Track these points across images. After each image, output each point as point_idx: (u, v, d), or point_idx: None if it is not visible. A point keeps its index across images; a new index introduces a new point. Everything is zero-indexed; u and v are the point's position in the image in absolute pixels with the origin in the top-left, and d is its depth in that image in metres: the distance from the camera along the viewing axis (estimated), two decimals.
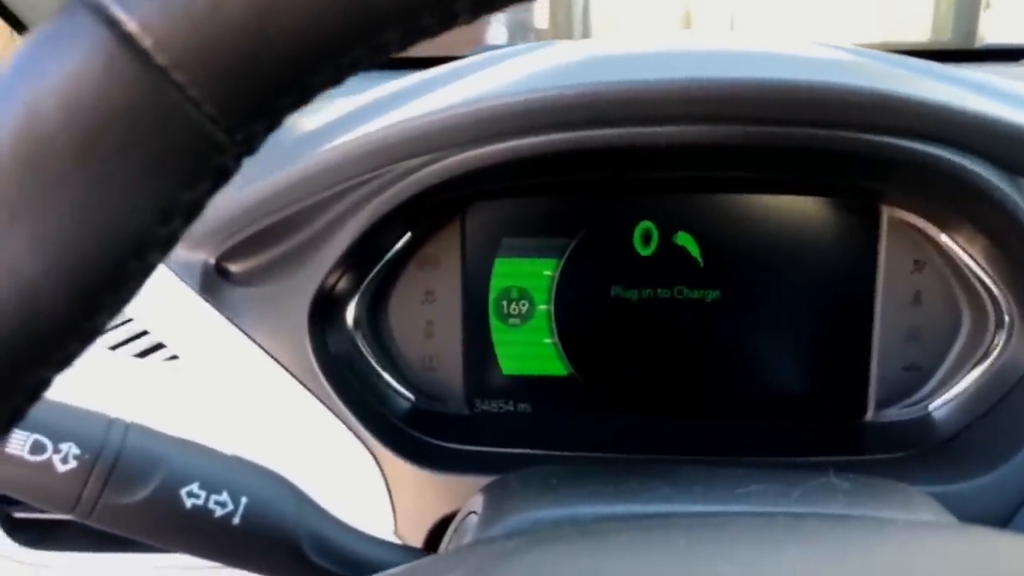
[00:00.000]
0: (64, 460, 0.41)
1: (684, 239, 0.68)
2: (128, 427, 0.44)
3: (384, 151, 0.58)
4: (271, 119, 0.24)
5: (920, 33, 1.19)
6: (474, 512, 0.48)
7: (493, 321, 0.70)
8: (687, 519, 0.33)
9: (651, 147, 0.56)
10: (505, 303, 0.70)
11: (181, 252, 0.63)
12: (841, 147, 0.54)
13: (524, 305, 0.70)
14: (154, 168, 0.22)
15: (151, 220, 0.23)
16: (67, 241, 0.22)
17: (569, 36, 1.43)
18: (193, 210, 0.24)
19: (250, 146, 0.25)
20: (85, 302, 0.23)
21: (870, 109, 0.53)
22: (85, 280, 0.23)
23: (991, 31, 1.12)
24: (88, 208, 0.22)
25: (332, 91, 0.25)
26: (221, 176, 0.24)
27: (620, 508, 0.44)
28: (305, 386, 0.63)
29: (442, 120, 0.56)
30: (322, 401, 0.63)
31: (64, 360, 0.24)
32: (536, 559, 0.31)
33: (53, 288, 0.22)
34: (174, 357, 0.64)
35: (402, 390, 0.70)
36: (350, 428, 0.62)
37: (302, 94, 0.24)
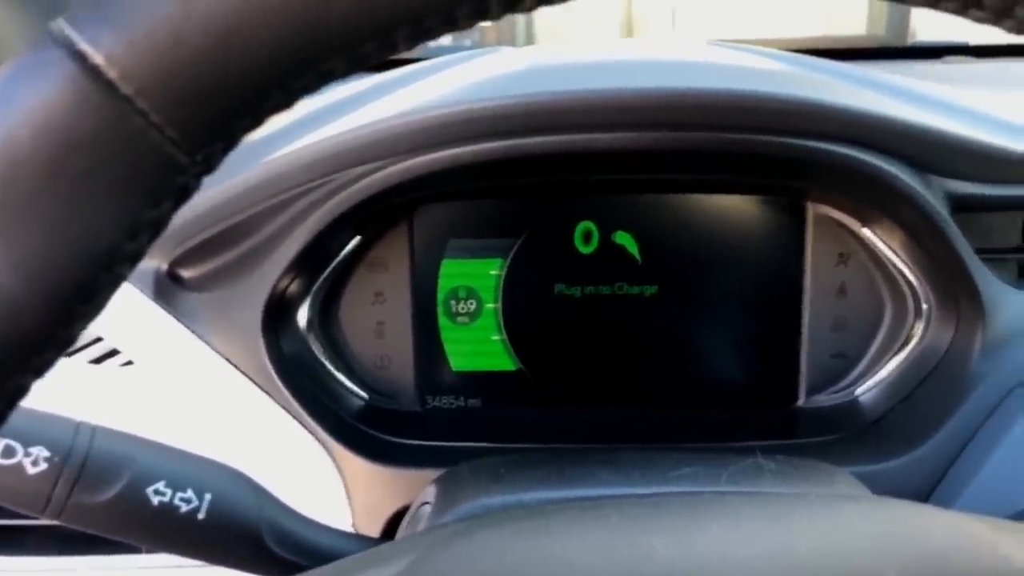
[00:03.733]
0: (34, 463, 0.42)
1: (623, 238, 0.71)
2: (95, 430, 0.45)
3: (331, 159, 0.60)
4: (228, 140, 0.26)
5: (856, 29, 1.24)
6: (427, 502, 0.50)
7: (442, 320, 0.72)
8: (621, 500, 0.36)
9: (587, 153, 0.59)
10: (453, 302, 0.72)
11: None
12: (765, 150, 0.58)
13: (472, 304, 0.72)
14: (121, 189, 0.24)
15: (119, 236, 0.25)
16: (43, 256, 0.24)
17: (512, 36, 1.45)
18: (158, 226, 0.26)
19: (209, 165, 0.27)
20: (61, 312, 0.25)
21: (793, 115, 0.56)
22: (60, 292, 0.24)
23: (923, 28, 1.17)
24: (61, 226, 0.24)
25: None
26: (183, 194, 0.26)
27: (564, 493, 0.46)
28: (260, 387, 0.64)
29: (387, 129, 0.58)
30: (277, 402, 0.64)
31: (41, 367, 0.26)
32: (484, 540, 0.33)
33: (31, 299, 0.24)
34: (129, 363, 0.65)
35: (355, 389, 0.72)
36: (305, 427, 0.64)
37: (256, 116, 0.26)
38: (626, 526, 0.33)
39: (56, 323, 0.25)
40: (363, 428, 0.68)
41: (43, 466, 0.42)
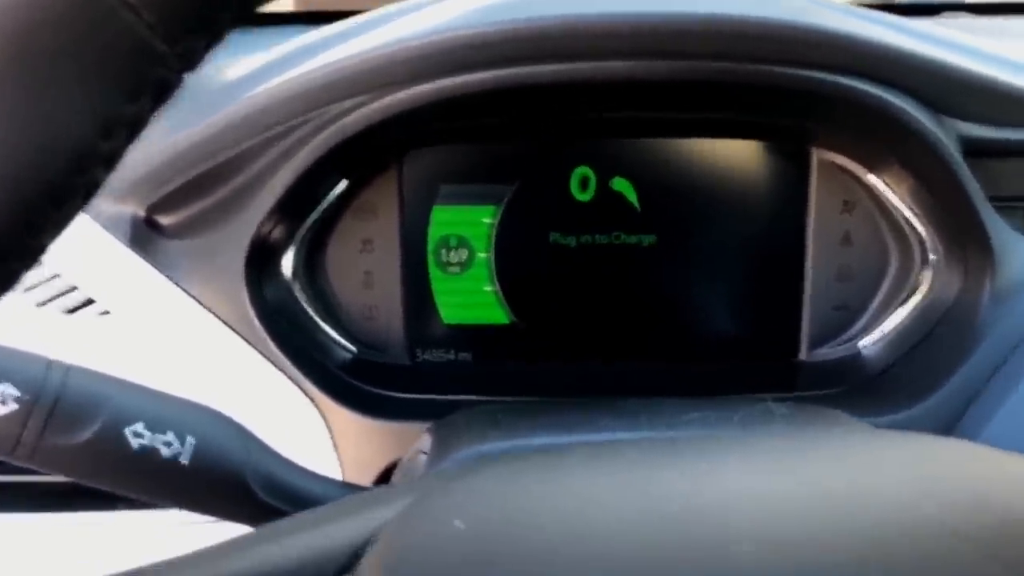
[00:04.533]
0: (2, 401, 0.39)
1: (621, 184, 0.68)
2: (69, 368, 0.42)
3: (313, 93, 0.57)
4: (211, 33, 0.24)
5: None
6: (422, 451, 0.48)
7: (432, 270, 0.70)
8: (633, 442, 0.34)
9: (584, 84, 0.56)
10: (444, 251, 0.69)
11: (107, 205, 0.62)
12: (771, 82, 0.55)
13: (463, 253, 0.69)
14: (92, 75, 0.22)
15: (91, 132, 0.22)
16: (4, 151, 0.21)
17: None
18: (135, 126, 0.24)
19: (191, 61, 0.24)
20: (26, 217, 0.22)
21: (802, 44, 0.54)
22: (26, 193, 0.22)
23: None
24: (24, 115, 0.21)
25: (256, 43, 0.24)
26: (163, 90, 0.24)
27: (567, 439, 0.44)
28: (243, 338, 0.61)
29: (374, 59, 0.55)
30: (261, 352, 0.62)
31: (6, 279, 0.23)
32: (490, 479, 0.31)
33: None
34: (105, 313, 0.62)
35: (342, 340, 0.69)
36: (291, 379, 0.62)
37: (242, 8, 0.24)
38: (644, 464, 0.31)
39: (22, 229, 0.22)
40: (351, 380, 0.65)
41: (12, 406, 0.40)
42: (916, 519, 0.27)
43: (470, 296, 0.70)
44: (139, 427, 0.41)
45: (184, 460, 0.42)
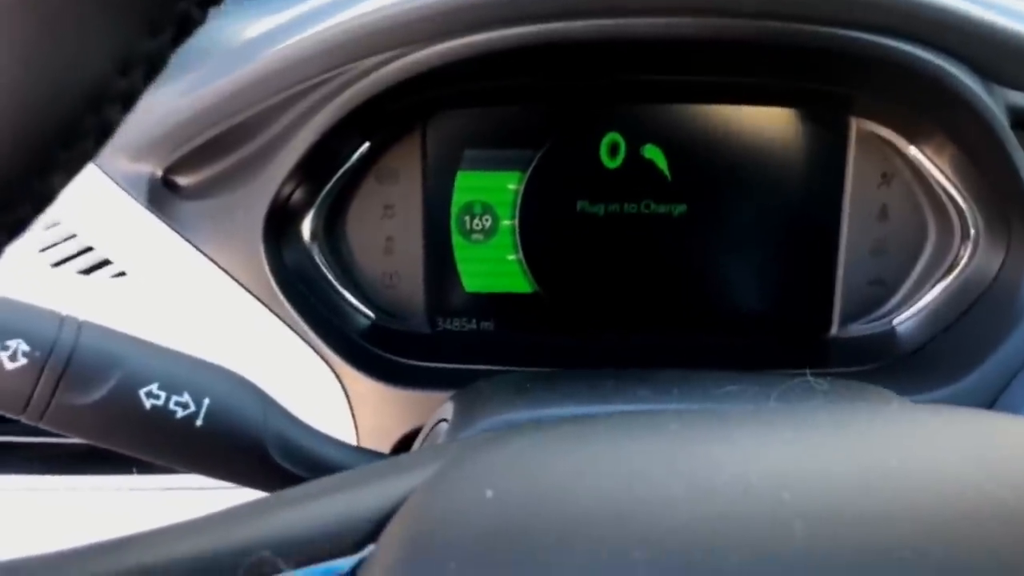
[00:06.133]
0: (12, 358, 0.38)
1: (652, 152, 0.66)
2: (82, 324, 0.41)
3: (336, 50, 0.55)
4: None
5: None
6: (444, 419, 0.46)
7: (455, 237, 0.68)
8: (673, 413, 0.32)
9: (616, 41, 0.53)
10: (468, 218, 0.67)
11: (125, 164, 0.60)
12: (812, 42, 0.53)
13: (487, 220, 0.68)
14: (109, 6, 0.20)
15: (107, 68, 0.21)
16: (15, 82, 0.19)
17: None
18: (155, 62, 0.22)
19: None
20: (36, 156, 0.21)
21: (852, 3, 0.51)
22: (36, 130, 0.20)
23: None
24: (34, 48, 0.20)
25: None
26: (185, 25, 0.22)
27: (599, 408, 0.42)
28: (261, 301, 0.60)
29: (397, 15, 0.53)
30: (279, 317, 0.60)
31: (14, 226, 0.22)
32: (517, 451, 0.29)
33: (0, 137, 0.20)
34: (121, 274, 0.61)
35: (361, 307, 0.68)
36: (309, 344, 0.60)
37: None
38: (688, 435, 0.29)
39: (31, 169, 0.21)
40: (369, 347, 0.64)
41: (22, 361, 0.38)
42: (978, 499, 0.26)
43: (493, 264, 0.68)
44: (153, 387, 0.40)
45: (199, 422, 0.41)
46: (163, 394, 0.40)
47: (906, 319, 0.67)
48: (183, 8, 0.21)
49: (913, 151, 0.64)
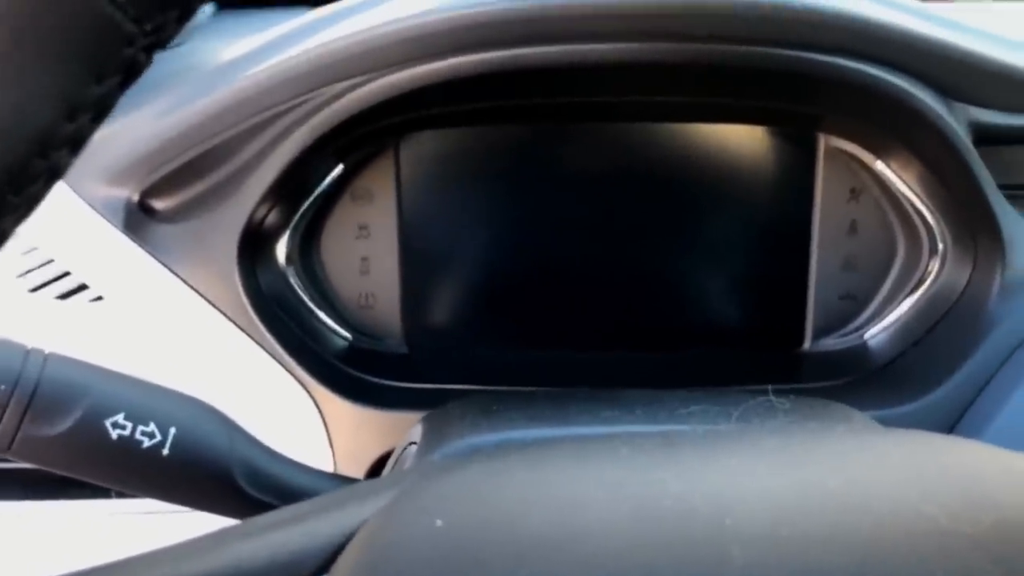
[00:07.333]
0: None
1: (622, 169, 0.67)
2: (47, 356, 0.41)
3: (306, 75, 0.56)
4: (183, 7, 0.23)
5: None
6: (414, 442, 0.47)
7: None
8: (629, 436, 0.32)
9: (583, 67, 0.54)
10: None
11: (101, 188, 0.61)
12: (778, 66, 0.54)
13: None
14: (55, 53, 0.21)
15: (54, 113, 0.21)
16: None
17: None
18: (102, 107, 0.23)
19: (161, 38, 0.23)
20: None
21: (809, 25, 0.52)
22: None
23: None
24: None
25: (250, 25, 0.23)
26: (131, 70, 0.23)
27: (562, 431, 0.43)
28: (236, 324, 0.60)
29: (369, 41, 0.54)
30: (255, 340, 0.61)
31: None
32: (475, 473, 0.30)
33: None
34: (98, 298, 0.61)
35: (338, 328, 0.68)
36: (284, 367, 0.61)
37: None
38: (636, 460, 0.29)
39: None
40: (346, 369, 0.64)
41: None
42: (914, 520, 0.26)
43: None
44: (119, 418, 0.40)
45: (165, 451, 0.41)
46: (129, 424, 0.41)
47: (877, 333, 0.68)
48: (129, 54, 0.22)
49: (880, 166, 0.65)
